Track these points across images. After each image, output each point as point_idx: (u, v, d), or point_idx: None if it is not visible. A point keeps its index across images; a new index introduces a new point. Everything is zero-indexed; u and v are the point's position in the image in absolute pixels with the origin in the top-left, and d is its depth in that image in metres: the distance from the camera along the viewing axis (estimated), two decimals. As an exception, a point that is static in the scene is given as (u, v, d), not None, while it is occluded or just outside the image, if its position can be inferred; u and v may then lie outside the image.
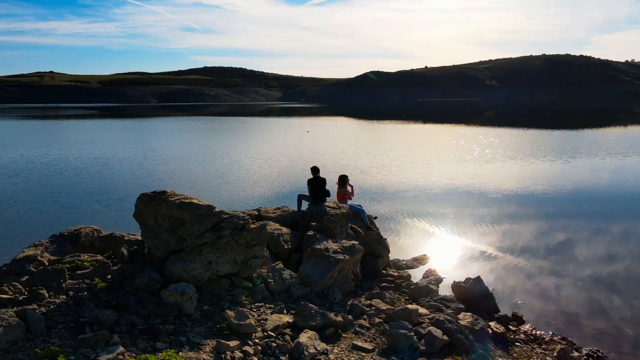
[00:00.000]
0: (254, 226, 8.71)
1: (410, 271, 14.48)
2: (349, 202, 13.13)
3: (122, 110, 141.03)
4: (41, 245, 9.56)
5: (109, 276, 7.92)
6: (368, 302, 9.48)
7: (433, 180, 26.34)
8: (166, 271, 7.90)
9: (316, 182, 13.14)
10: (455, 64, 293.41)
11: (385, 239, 14.99)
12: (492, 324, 10.63)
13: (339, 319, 7.98)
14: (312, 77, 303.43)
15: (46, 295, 6.96)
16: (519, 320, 11.30)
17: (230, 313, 7.35)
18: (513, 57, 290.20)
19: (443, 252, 15.26)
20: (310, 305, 8.18)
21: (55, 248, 9.51)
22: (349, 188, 13.08)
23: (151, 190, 8.74)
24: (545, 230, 17.18)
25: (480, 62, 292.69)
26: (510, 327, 10.87)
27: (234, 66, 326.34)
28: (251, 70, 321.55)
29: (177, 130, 70.08)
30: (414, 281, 12.68)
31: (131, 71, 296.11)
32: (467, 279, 12.07)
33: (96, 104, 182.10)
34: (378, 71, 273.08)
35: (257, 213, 11.84)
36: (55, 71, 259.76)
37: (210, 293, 8.20)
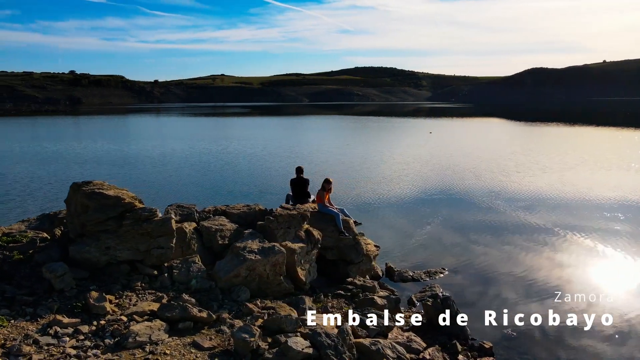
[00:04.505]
0: (157, 219, 9.33)
1: (411, 284, 13.78)
2: (328, 205, 12.82)
3: (276, 109, 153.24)
4: (27, 221, 11.55)
5: (31, 251, 9.32)
6: (272, 305, 9.33)
7: (550, 191, 23.22)
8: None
9: (298, 183, 13.22)
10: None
11: (378, 246, 14.24)
12: (430, 349, 9.69)
13: (202, 315, 8.11)
14: (465, 76, 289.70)
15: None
16: (483, 351, 10.04)
17: (94, 294, 8.09)
18: None
19: (470, 269, 13.95)
20: (187, 297, 8.53)
21: (37, 224, 11.37)
22: (327, 194, 12.74)
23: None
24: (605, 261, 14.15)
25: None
26: (460, 356, 9.74)
27: (385, 66, 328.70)
28: (401, 69, 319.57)
29: (315, 128, 73.40)
30: (384, 293, 11.93)
31: (288, 72, 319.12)
32: (435, 298, 11.15)
33: (255, 103, 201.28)
34: (540, 67, 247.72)
35: (224, 208, 12.40)
36: (225, 74, 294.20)
37: (109, 275, 9.07)
